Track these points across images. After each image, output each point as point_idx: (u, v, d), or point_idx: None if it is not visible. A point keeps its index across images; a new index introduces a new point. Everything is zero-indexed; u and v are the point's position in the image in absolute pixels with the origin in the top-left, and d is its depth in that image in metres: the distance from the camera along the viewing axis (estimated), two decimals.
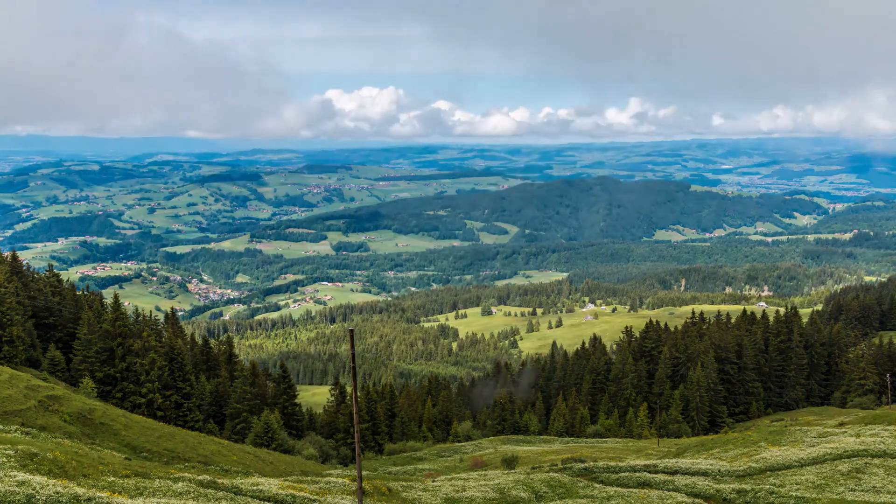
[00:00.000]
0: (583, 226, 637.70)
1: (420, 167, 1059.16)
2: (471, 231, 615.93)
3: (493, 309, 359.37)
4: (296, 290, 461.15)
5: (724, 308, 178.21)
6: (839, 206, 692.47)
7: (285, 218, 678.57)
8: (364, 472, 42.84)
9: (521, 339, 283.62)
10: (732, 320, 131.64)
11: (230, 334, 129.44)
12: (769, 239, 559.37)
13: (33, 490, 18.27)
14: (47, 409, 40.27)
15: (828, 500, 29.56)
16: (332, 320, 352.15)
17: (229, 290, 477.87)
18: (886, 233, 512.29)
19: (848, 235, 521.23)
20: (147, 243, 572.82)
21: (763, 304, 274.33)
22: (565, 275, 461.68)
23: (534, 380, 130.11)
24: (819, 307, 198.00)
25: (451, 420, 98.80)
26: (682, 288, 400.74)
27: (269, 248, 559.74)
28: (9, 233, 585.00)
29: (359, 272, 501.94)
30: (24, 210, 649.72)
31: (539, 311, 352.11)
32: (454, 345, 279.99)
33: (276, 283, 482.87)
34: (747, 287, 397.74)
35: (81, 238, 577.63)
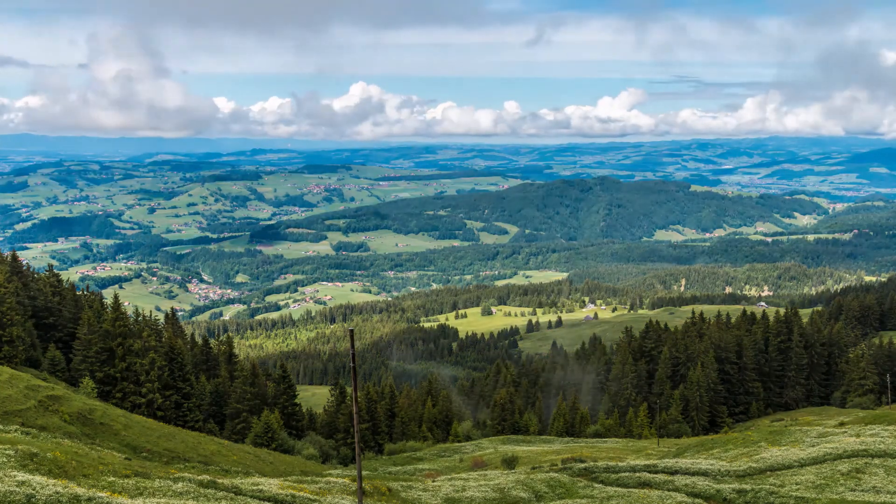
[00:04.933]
0: (583, 226, 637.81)
1: (420, 167, 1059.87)
2: (471, 231, 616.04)
3: (493, 309, 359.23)
4: (296, 290, 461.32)
5: (724, 308, 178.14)
6: (839, 206, 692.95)
7: (285, 218, 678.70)
8: (364, 472, 42.84)
9: (521, 339, 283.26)
10: (732, 320, 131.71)
11: (230, 334, 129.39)
12: (769, 239, 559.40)
13: (33, 490, 18.27)
14: (47, 409, 40.27)
15: (828, 500, 29.56)
16: (332, 320, 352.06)
17: (229, 290, 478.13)
18: (886, 233, 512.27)
19: (848, 235, 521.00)
20: (147, 243, 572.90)
21: (763, 304, 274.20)
22: (565, 275, 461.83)
23: (534, 380, 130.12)
24: (819, 307, 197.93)
25: (451, 420, 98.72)
26: (682, 288, 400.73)
27: (269, 248, 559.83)
28: (9, 233, 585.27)
29: (359, 272, 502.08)
30: (24, 210, 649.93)
31: (539, 311, 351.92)
32: (454, 345, 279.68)
33: (276, 283, 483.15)
34: (747, 287, 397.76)
35: (81, 238, 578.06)
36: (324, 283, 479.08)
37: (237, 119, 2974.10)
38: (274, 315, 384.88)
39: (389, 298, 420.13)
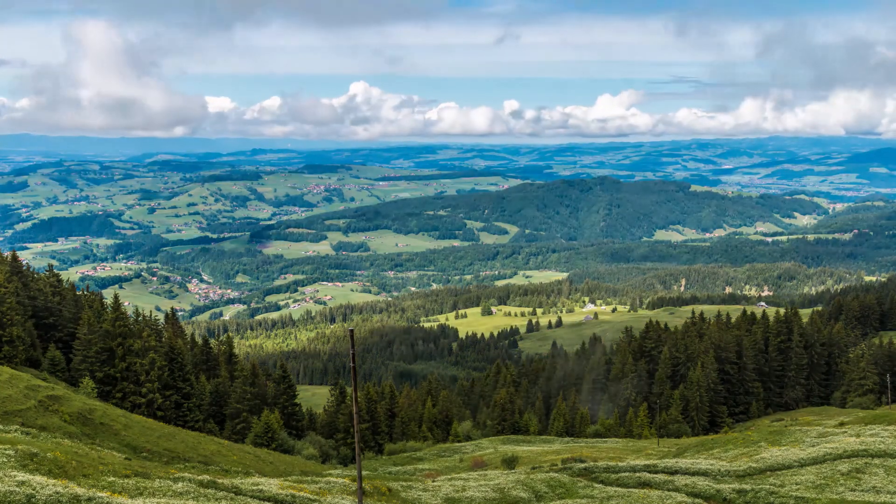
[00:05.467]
0: (583, 226, 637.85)
1: (420, 167, 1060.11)
2: (471, 231, 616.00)
3: (493, 309, 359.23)
4: (296, 290, 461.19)
5: (724, 308, 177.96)
6: (839, 206, 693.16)
7: (285, 218, 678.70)
8: (364, 472, 42.83)
9: (521, 339, 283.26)
10: (732, 320, 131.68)
11: (230, 334, 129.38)
12: (769, 239, 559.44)
13: (33, 490, 18.27)
14: (47, 409, 40.27)
15: (828, 500, 29.56)
16: (333, 320, 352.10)
17: (229, 290, 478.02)
18: (886, 233, 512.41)
19: (848, 235, 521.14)
20: (147, 243, 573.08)
21: (763, 304, 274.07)
22: (565, 275, 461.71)
23: (534, 380, 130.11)
24: (819, 307, 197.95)
25: (451, 420, 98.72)
26: (682, 288, 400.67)
27: (269, 248, 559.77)
28: (9, 233, 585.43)
29: (359, 272, 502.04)
30: (24, 210, 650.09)
31: (539, 311, 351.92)
32: (454, 345, 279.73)
33: (276, 283, 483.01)
34: (747, 287, 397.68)
35: (81, 238, 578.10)
36: (324, 283, 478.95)
37: (237, 119, 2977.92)
38: (274, 315, 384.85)
39: (389, 298, 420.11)
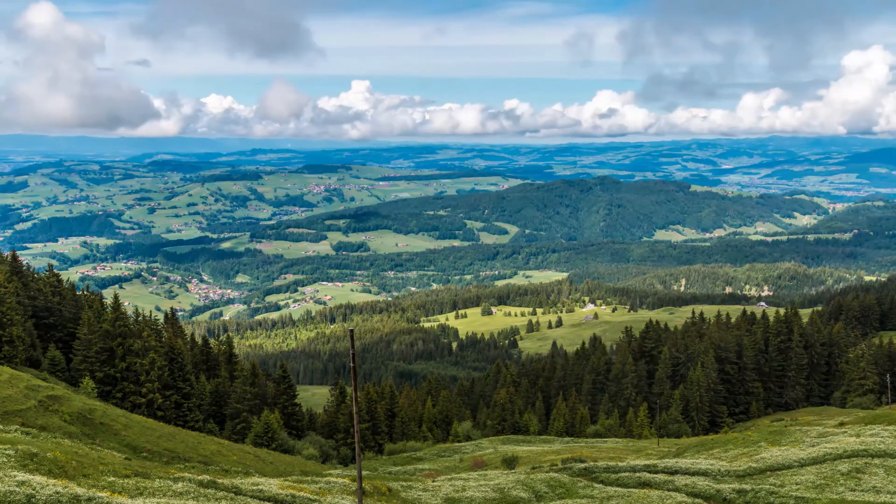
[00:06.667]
0: (583, 226, 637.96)
1: (420, 167, 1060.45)
2: (471, 231, 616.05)
3: (493, 309, 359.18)
4: (296, 290, 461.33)
5: (724, 308, 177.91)
6: (839, 206, 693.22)
7: (285, 218, 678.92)
8: (364, 472, 42.81)
9: (521, 339, 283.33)
10: (732, 320, 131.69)
11: (230, 334, 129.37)
12: (769, 239, 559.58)
13: (33, 490, 18.27)
14: (47, 409, 40.27)
15: (828, 500, 29.56)
16: (332, 320, 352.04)
17: (229, 290, 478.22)
18: (886, 233, 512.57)
19: (848, 235, 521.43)
20: (147, 243, 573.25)
21: (763, 304, 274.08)
22: (565, 275, 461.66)
23: (534, 380, 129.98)
24: (819, 307, 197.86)
25: (451, 420, 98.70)
26: (682, 288, 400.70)
27: (269, 248, 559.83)
28: (9, 233, 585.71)
29: (359, 272, 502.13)
30: (24, 210, 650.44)
31: (539, 311, 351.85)
32: (454, 345, 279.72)
33: (276, 283, 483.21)
34: (747, 287, 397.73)
35: (81, 238, 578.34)
36: (324, 283, 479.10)
37: (237, 119, 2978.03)
38: (274, 315, 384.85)
39: (389, 298, 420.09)
